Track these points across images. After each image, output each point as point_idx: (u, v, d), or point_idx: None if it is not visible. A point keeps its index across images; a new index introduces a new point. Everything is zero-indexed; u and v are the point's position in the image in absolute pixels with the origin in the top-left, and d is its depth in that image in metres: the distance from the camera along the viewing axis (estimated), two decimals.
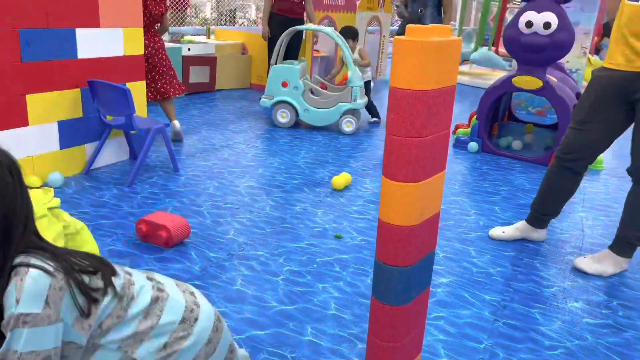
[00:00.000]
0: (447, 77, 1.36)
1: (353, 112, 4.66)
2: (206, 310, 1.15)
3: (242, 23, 10.65)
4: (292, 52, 5.71)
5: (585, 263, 2.46)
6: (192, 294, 1.19)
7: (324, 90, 4.86)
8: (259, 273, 2.25)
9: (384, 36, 7.82)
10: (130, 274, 1.12)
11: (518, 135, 4.64)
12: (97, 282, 1.01)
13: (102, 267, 1.04)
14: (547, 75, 3.90)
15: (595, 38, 6.10)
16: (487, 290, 2.24)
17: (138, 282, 1.10)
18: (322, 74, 6.85)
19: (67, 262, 0.98)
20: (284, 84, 4.67)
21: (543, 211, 2.66)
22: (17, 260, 0.95)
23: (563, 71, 4.55)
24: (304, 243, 2.55)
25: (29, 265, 0.92)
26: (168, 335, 1.05)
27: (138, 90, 3.49)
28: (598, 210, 3.26)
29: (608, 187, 3.72)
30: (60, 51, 3.01)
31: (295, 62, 4.81)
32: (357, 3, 7.08)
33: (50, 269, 0.93)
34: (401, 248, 1.38)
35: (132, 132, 3.43)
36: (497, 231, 2.76)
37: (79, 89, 3.15)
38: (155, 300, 1.07)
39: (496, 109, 4.56)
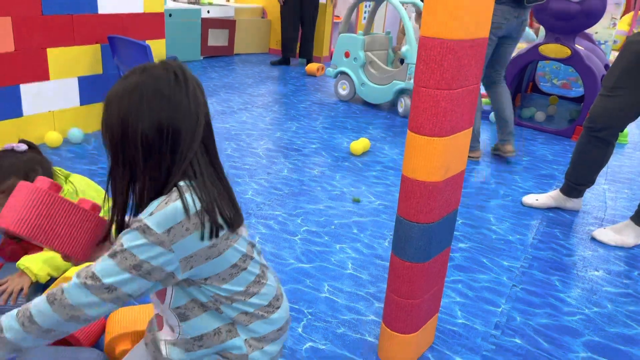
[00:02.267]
0: (478, 28, 1.31)
1: (408, 91, 4.19)
2: (285, 304, 1.18)
3: None
4: (307, 20, 5.68)
5: (606, 234, 2.42)
6: (279, 281, 1.20)
7: (384, 66, 4.45)
8: (276, 232, 2.25)
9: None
10: (253, 245, 1.13)
11: (541, 107, 4.54)
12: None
13: (237, 220, 1.05)
14: (576, 45, 3.79)
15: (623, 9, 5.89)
16: (505, 257, 2.21)
17: (253, 256, 1.11)
18: None
19: (212, 206, 0.98)
20: (346, 54, 4.45)
21: (577, 181, 2.62)
22: (180, 182, 0.98)
23: (592, 42, 4.42)
24: (322, 205, 2.54)
25: (180, 195, 0.95)
26: (252, 309, 1.08)
27: (157, 47, 3.46)
28: (621, 182, 3.19)
29: (632, 161, 3.64)
30: (81, 5, 2.98)
31: (361, 32, 4.51)
32: None
33: (192, 209, 0.95)
34: (424, 204, 1.36)
35: None
36: (531, 198, 2.73)
37: (99, 45, 3.13)
38: (256, 282, 1.09)
39: (520, 80, 4.46)
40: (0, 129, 2.75)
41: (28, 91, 2.85)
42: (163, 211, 0.93)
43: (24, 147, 1.57)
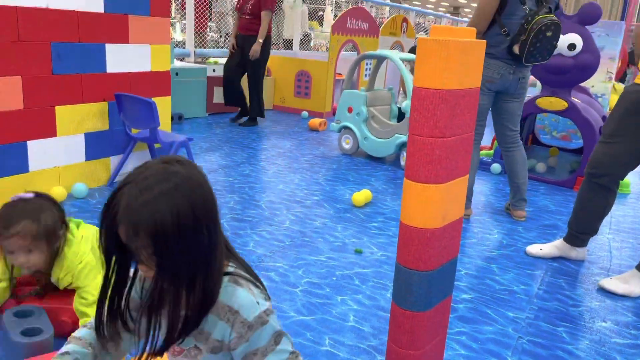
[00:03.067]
0: (470, 78, 1.35)
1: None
2: None
3: None
4: (249, 76, 5.52)
5: (612, 283, 2.39)
6: None
7: (386, 120, 4.59)
8: (277, 284, 2.23)
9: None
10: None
11: (542, 159, 4.58)
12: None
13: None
14: (572, 98, 3.86)
15: (619, 64, 6.03)
16: (510, 307, 2.18)
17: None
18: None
19: (253, 277, 1.12)
20: (349, 110, 4.55)
21: (580, 229, 2.61)
22: (230, 268, 1.07)
23: (588, 95, 4.50)
24: (324, 256, 2.53)
25: (244, 277, 1.06)
26: None
27: (163, 104, 3.55)
28: (625, 232, 3.17)
29: (636, 211, 3.63)
30: (90, 65, 3.09)
31: (363, 88, 4.65)
32: (381, 28, 7.16)
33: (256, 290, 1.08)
34: (422, 251, 1.36)
35: (156, 145, 3.47)
36: (535, 248, 2.71)
37: (106, 102, 3.21)
38: None
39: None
40: (6, 184, 2.79)
41: (35, 147, 2.90)
42: (257, 295, 1.04)
43: (30, 195, 1.65)
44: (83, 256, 1.72)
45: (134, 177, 0.93)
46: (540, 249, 2.71)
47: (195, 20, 7.65)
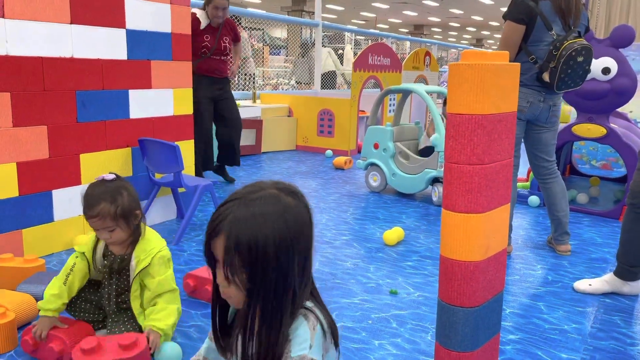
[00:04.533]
0: (506, 102, 1.26)
1: (440, 179, 4.07)
2: None
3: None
4: (227, 120, 4.57)
5: None
6: None
7: (415, 155, 4.33)
8: None
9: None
10: None
11: (583, 189, 4.37)
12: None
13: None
14: (611, 124, 3.70)
15: None
16: (562, 348, 1.99)
17: None
18: None
19: (334, 325, 1.08)
20: (375, 146, 4.45)
21: (629, 262, 2.42)
22: (308, 304, 1.04)
23: (627, 120, 4.33)
24: (357, 299, 2.38)
25: (316, 316, 1.02)
26: None
27: (186, 148, 3.52)
28: None
29: None
30: (114, 111, 3.09)
31: (388, 124, 4.50)
32: (403, 62, 7.15)
33: (325, 326, 1.03)
34: (466, 286, 1.23)
35: (180, 190, 3.42)
36: (584, 284, 2.52)
37: (129, 148, 3.19)
38: None
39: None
40: (31, 234, 2.76)
41: (60, 196, 2.88)
42: (316, 338, 0.97)
43: (112, 176, 1.87)
44: (162, 245, 1.91)
45: (245, 194, 0.98)
46: (590, 285, 2.52)
47: None
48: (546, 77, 2.69)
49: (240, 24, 8.87)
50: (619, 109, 4.08)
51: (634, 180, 2.33)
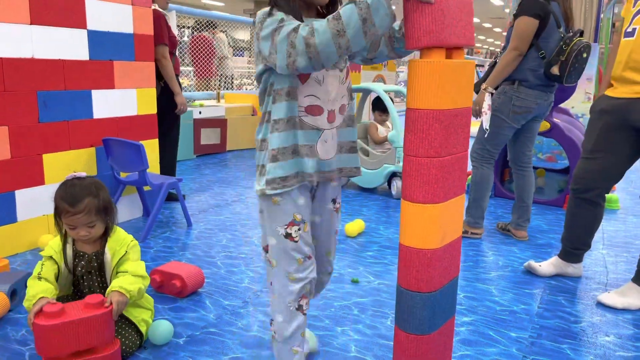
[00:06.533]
0: (462, 98, 1.36)
1: (399, 173, 4.23)
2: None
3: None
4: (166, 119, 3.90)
5: (611, 298, 2.38)
6: None
7: (373, 151, 4.47)
8: None
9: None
10: None
11: None
12: None
13: None
14: (554, 119, 3.94)
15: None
16: (512, 328, 2.16)
17: None
18: None
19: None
20: None
21: (572, 245, 2.63)
22: None
23: (569, 115, 4.59)
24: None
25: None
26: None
27: (151, 147, 3.55)
28: (619, 247, 3.19)
29: (627, 225, 3.66)
30: (77, 111, 3.10)
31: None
32: None
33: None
34: (424, 272, 1.35)
35: (145, 188, 3.46)
36: (534, 265, 2.71)
37: (93, 148, 3.21)
38: None
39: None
40: None
41: (23, 197, 2.88)
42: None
43: (84, 174, 1.89)
44: (132, 237, 1.96)
45: None
46: (540, 266, 2.71)
47: (200, 65, 7.89)
48: (555, 70, 2.90)
49: (215, 27, 8.87)
50: (562, 105, 4.34)
51: (577, 168, 2.51)
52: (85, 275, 1.92)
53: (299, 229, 1.47)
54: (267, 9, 1.37)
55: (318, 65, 1.26)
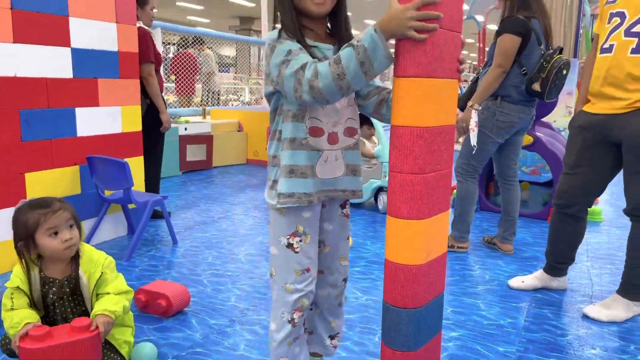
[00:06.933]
0: (446, 115, 1.38)
1: (385, 188, 4.19)
2: None
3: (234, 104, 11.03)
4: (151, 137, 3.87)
5: (596, 310, 2.40)
6: None
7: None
8: (262, 337, 2.18)
9: None
10: None
11: None
12: None
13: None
14: (537, 132, 3.99)
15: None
16: (499, 342, 2.16)
17: None
18: None
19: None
20: None
21: (556, 259, 2.65)
22: None
23: (551, 129, 4.65)
24: None
25: None
26: None
27: (136, 165, 3.53)
28: (603, 259, 3.22)
29: (610, 237, 3.70)
30: (61, 130, 3.07)
31: None
32: None
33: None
34: (409, 288, 1.35)
35: (130, 206, 3.43)
36: (517, 281, 2.73)
37: (77, 166, 3.18)
38: None
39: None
40: None
41: (5, 216, 2.83)
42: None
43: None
44: (104, 254, 1.91)
45: None
46: (522, 282, 2.73)
47: (183, 81, 7.88)
48: (537, 86, 2.95)
49: (204, 42, 8.90)
50: (544, 119, 4.40)
51: (559, 183, 2.55)
52: (56, 302, 1.83)
53: (300, 240, 1.52)
54: (276, 31, 1.41)
55: (323, 102, 1.35)
